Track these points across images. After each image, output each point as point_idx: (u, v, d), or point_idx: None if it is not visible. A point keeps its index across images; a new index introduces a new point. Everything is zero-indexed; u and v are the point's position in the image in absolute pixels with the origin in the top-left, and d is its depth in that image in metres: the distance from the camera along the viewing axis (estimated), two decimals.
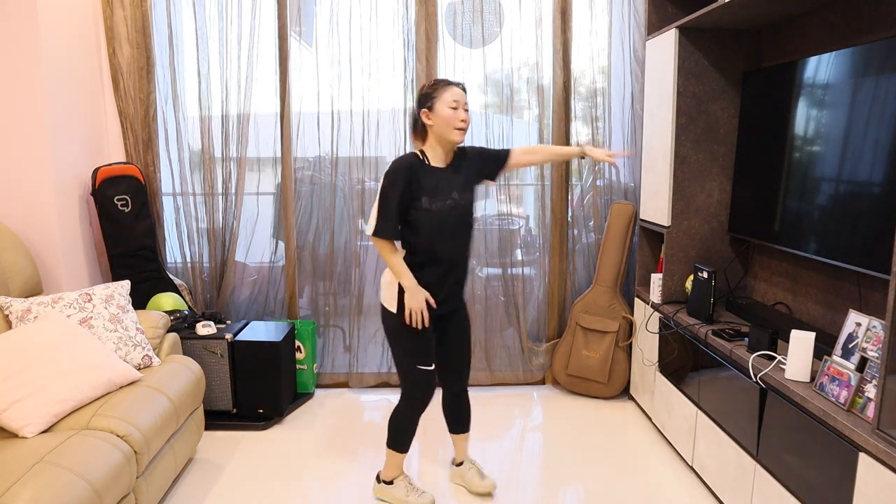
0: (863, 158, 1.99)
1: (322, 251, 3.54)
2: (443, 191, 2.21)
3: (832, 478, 1.76)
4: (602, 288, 3.46)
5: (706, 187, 2.89)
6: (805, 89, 2.28)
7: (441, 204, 2.19)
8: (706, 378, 2.50)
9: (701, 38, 2.78)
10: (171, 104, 3.36)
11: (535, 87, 3.46)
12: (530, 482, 2.64)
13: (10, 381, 2.03)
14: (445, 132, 2.17)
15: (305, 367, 3.44)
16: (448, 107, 2.15)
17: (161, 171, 3.39)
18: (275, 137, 3.45)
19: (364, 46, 3.37)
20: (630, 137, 3.49)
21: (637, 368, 3.32)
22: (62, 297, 2.48)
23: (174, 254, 3.52)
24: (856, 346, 1.86)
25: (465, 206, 2.27)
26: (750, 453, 2.18)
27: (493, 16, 3.40)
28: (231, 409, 3.11)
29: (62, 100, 2.94)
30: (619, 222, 3.43)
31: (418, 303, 2.19)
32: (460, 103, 2.16)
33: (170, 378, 2.47)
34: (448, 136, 2.17)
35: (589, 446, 2.94)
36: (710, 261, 2.96)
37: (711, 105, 2.83)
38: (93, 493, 1.80)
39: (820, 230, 2.19)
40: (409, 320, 2.21)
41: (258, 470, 2.72)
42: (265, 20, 3.33)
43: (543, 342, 3.67)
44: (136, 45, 3.26)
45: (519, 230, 3.62)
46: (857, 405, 1.77)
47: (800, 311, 2.56)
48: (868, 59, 1.97)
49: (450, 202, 2.21)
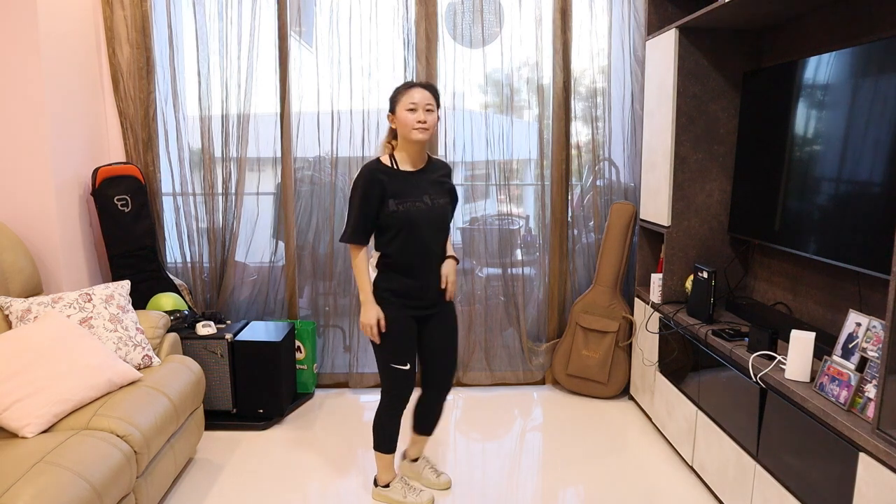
0: (863, 158, 1.99)
1: (322, 251, 3.54)
2: (412, 193, 2.24)
3: (832, 478, 1.76)
4: (602, 288, 3.46)
5: (706, 187, 2.89)
6: (805, 89, 2.28)
7: (410, 205, 2.23)
8: (706, 378, 2.50)
9: (701, 38, 2.78)
10: (171, 104, 3.36)
11: (535, 87, 3.46)
12: (530, 482, 2.64)
13: (10, 381, 2.03)
14: (406, 133, 2.22)
15: (305, 367, 3.44)
16: (406, 109, 2.20)
17: (161, 171, 3.39)
18: (275, 137, 3.45)
19: (364, 46, 3.38)
20: (630, 137, 3.49)
21: (637, 368, 3.32)
22: (62, 297, 2.48)
23: (174, 254, 3.52)
24: (856, 346, 1.86)
25: (439, 210, 2.30)
26: (750, 453, 2.18)
27: (493, 16, 3.41)
28: (231, 409, 3.11)
29: (62, 100, 2.94)
30: (619, 222, 3.43)
31: (368, 319, 2.25)
32: (419, 104, 2.20)
33: (170, 378, 2.47)
34: (408, 136, 2.22)
35: (589, 446, 2.94)
36: (710, 261, 2.96)
37: (711, 105, 2.83)
38: (93, 493, 1.80)
39: (820, 230, 2.19)
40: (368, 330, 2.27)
41: (258, 470, 2.72)
42: (265, 20, 3.33)
43: (543, 342, 3.67)
44: (136, 45, 3.26)
45: (519, 230, 3.62)
46: (857, 405, 1.77)
47: (800, 311, 2.56)
48: (868, 59, 1.97)
49: (420, 205, 2.24)
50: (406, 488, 2.47)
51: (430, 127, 2.22)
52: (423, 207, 2.25)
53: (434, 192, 2.30)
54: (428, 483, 2.60)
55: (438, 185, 2.33)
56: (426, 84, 2.27)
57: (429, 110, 2.22)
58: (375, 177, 2.22)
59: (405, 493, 2.46)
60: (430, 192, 2.29)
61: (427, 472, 2.62)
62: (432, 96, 2.24)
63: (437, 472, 2.62)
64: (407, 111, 2.20)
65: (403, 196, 2.23)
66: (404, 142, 2.26)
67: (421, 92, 2.22)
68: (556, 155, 3.48)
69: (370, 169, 2.23)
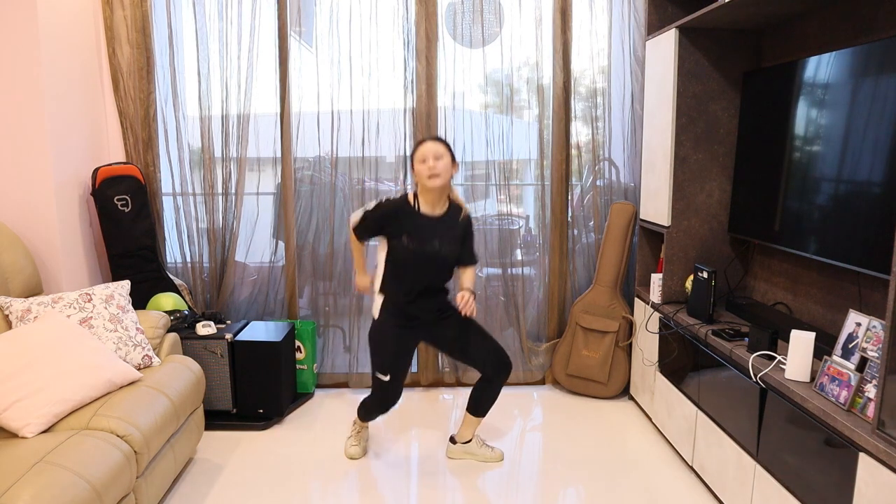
0: (863, 158, 1.99)
1: (322, 251, 3.54)
2: (424, 236, 2.47)
3: (832, 478, 1.76)
4: (602, 288, 3.46)
5: (706, 187, 2.89)
6: (805, 89, 2.28)
7: (420, 247, 2.46)
8: (706, 378, 2.50)
9: (701, 38, 2.78)
10: (171, 104, 3.36)
11: (535, 87, 3.46)
12: (530, 482, 2.64)
13: (10, 381, 2.03)
14: (421, 182, 2.47)
15: (305, 367, 3.44)
16: (418, 162, 2.46)
17: (161, 171, 3.39)
18: (275, 137, 3.45)
19: (364, 46, 3.38)
20: (630, 137, 3.49)
21: (637, 368, 3.32)
22: (62, 297, 2.48)
23: (174, 254, 3.52)
24: (856, 346, 1.86)
25: (445, 257, 2.51)
26: (750, 453, 2.18)
27: (493, 16, 3.41)
28: (231, 409, 3.11)
29: (62, 100, 2.94)
30: (619, 222, 3.43)
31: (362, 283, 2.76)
32: (428, 156, 2.44)
33: (170, 378, 2.47)
34: (423, 184, 2.46)
35: (589, 446, 2.94)
36: (710, 261, 2.96)
37: (711, 105, 2.83)
38: (93, 493, 1.80)
39: (820, 230, 2.19)
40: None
41: (258, 470, 2.72)
42: (265, 20, 3.33)
43: (543, 342, 3.68)
44: (136, 45, 3.26)
45: (519, 230, 3.62)
46: (857, 405, 1.77)
47: (800, 311, 2.56)
48: (868, 59, 1.97)
49: (429, 249, 2.47)
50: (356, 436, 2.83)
51: (442, 173, 2.43)
52: (430, 252, 2.47)
53: (445, 239, 2.51)
54: (484, 458, 2.80)
55: (451, 233, 2.54)
56: (434, 137, 2.52)
57: (438, 158, 2.44)
58: (399, 211, 2.49)
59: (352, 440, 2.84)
60: (442, 237, 2.50)
61: (482, 449, 2.80)
62: (441, 145, 2.47)
63: (491, 448, 2.82)
64: (419, 164, 2.45)
65: (417, 236, 2.46)
66: (421, 189, 2.51)
67: (428, 146, 2.46)
68: (556, 155, 3.48)
69: (397, 203, 2.50)
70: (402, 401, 3.46)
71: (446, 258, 2.51)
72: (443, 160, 2.44)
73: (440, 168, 2.43)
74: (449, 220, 2.54)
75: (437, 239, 2.48)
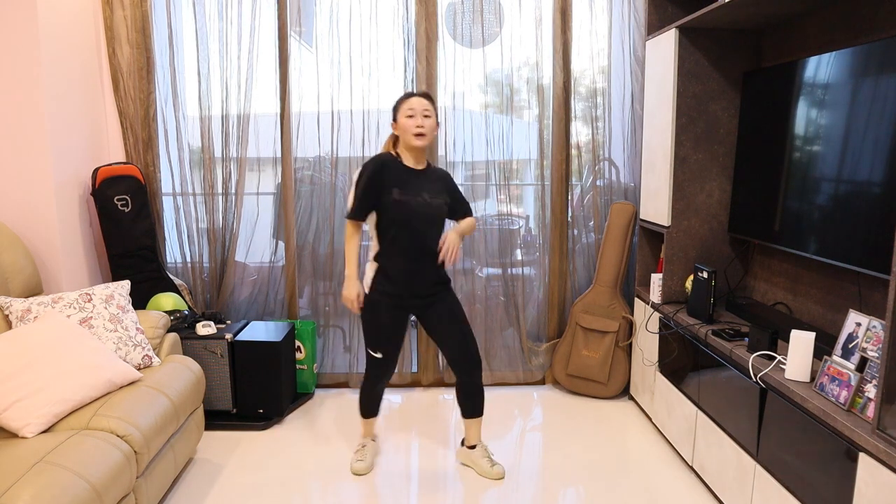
0: (863, 158, 1.99)
1: (322, 251, 3.54)
2: (413, 187, 2.43)
3: (832, 478, 1.76)
4: (602, 288, 3.46)
5: (706, 187, 2.89)
6: (805, 89, 2.28)
7: (411, 198, 2.41)
8: (706, 378, 2.50)
9: (701, 38, 2.78)
10: (171, 104, 3.36)
11: (535, 87, 3.46)
12: (530, 482, 2.64)
13: (10, 381, 2.03)
14: (406, 138, 2.43)
15: (305, 367, 3.44)
16: (405, 116, 2.41)
17: (161, 171, 3.39)
18: (275, 137, 3.45)
19: (364, 47, 3.38)
20: (630, 137, 3.49)
21: (637, 368, 3.32)
22: (62, 297, 2.48)
23: (174, 254, 3.52)
24: (856, 346, 1.86)
25: (436, 208, 2.47)
26: (750, 453, 2.18)
27: (493, 16, 3.41)
28: (231, 409, 3.11)
29: (62, 100, 2.94)
30: (619, 222, 3.43)
31: (349, 293, 2.49)
32: (417, 111, 2.40)
33: (170, 378, 2.47)
34: (409, 141, 2.43)
35: (589, 446, 2.94)
36: (710, 261, 2.96)
37: (711, 105, 2.83)
38: (93, 493, 1.80)
39: (820, 230, 2.19)
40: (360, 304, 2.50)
41: (258, 470, 2.72)
42: (265, 20, 3.33)
43: (543, 342, 3.68)
44: (136, 45, 3.26)
45: (519, 230, 3.62)
46: (857, 405, 1.77)
47: (800, 311, 2.56)
48: (868, 59, 1.97)
49: (420, 200, 2.43)
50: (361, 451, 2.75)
51: (428, 132, 2.42)
52: (421, 202, 2.43)
53: (432, 191, 2.48)
54: (481, 471, 2.68)
55: (437, 185, 2.51)
56: (422, 92, 2.47)
57: (426, 116, 2.42)
58: (385, 164, 2.42)
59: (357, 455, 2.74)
60: (429, 189, 2.47)
61: (482, 461, 2.69)
62: (429, 103, 2.44)
63: (492, 462, 2.69)
64: (406, 118, 2.40)
65: (406, 188, 2.42)
66: (405, 145, 2.46)
67: (418, 100, 2.42)
68: (556, 155, 3.48)
69: (381, 157, 2.44)
70: (402, 401, 3.47)
71: (437, 210, 2.47)
72: (430, 119, 2.42)
73: (428, 127, 2.41)
74: (431, 175, 2.52)
75: (426, 191, 2.45)
